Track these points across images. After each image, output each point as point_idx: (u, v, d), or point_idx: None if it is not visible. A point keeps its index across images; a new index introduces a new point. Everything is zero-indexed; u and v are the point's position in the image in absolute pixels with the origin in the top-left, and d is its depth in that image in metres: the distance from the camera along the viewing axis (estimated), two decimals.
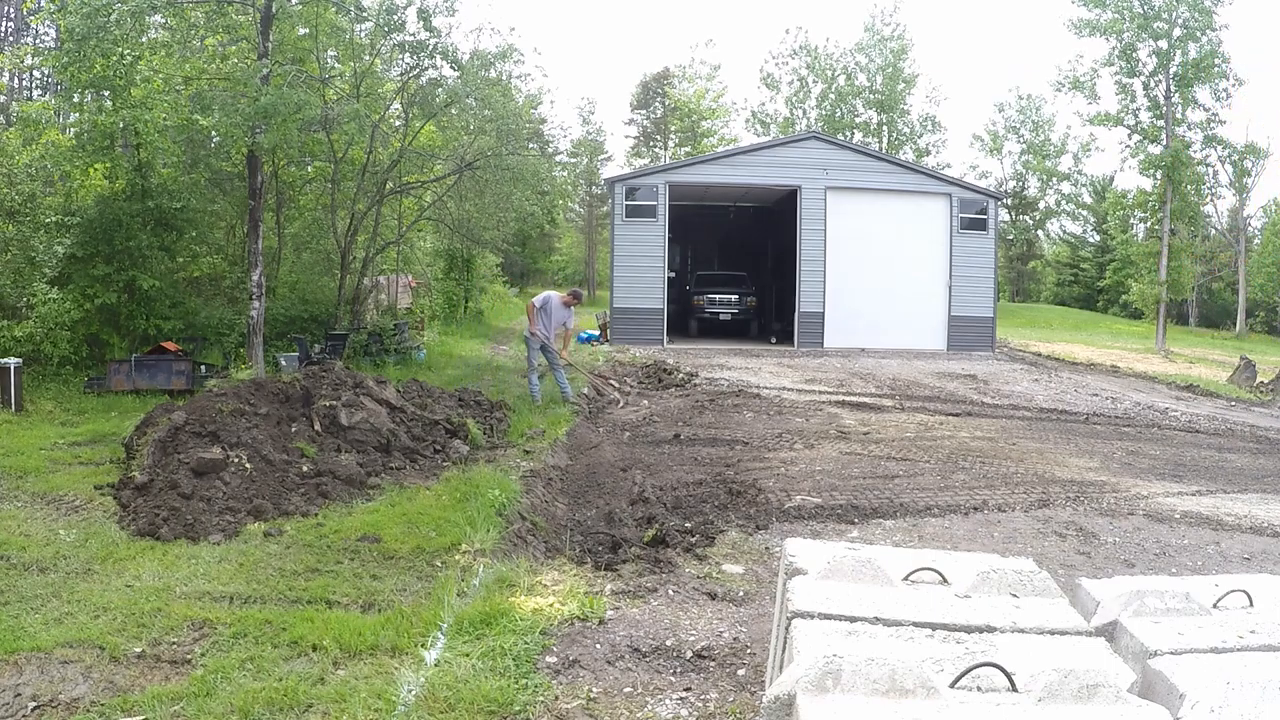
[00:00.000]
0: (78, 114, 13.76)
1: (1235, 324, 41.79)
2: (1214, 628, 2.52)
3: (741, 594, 5.09)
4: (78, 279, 12.16)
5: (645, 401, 12.42)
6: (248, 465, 6.63)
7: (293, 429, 7.63)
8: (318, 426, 7.83)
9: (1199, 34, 25.53)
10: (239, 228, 16.15)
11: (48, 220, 12.63)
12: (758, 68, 72.52)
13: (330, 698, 3.63)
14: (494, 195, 16.83)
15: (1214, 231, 44.91)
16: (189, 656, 4.00)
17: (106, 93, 12.31)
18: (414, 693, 3.66)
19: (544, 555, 5.93)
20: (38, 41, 23.98)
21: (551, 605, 4.66)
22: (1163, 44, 25.84)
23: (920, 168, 28.07)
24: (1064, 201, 54.44)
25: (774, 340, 23.52)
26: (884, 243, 22.04)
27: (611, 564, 5.53)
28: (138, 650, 4.04)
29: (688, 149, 48.88)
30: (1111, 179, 50.19)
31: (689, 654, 4.20)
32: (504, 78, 16.34)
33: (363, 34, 14.59)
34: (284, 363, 12.73)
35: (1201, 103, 26.80)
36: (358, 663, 3.97)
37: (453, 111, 15.90)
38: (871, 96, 45.90)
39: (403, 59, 15.54)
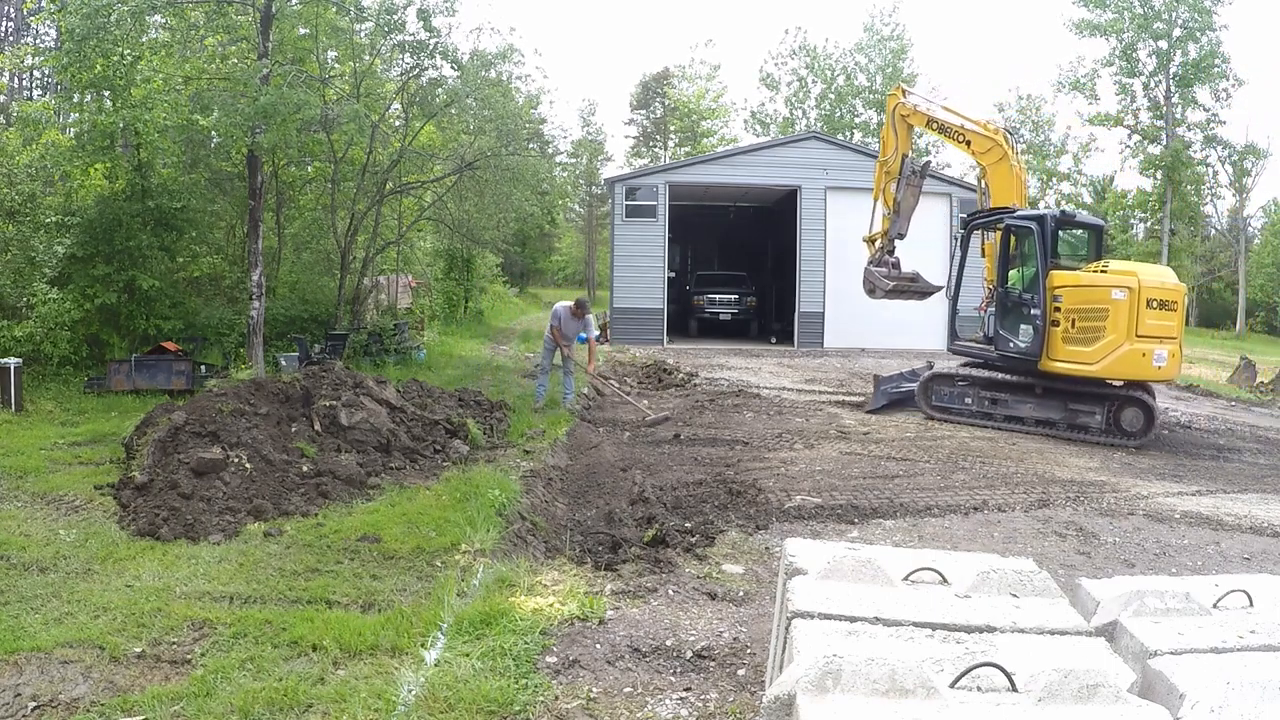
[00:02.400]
0: (78, 114, 13.76)
1: (1235, 324, 41.80)
2: (1214, 628, 2.52)
3: (741, 594, 5.09)
4: (78, 279, 12.16)
5: (645, 401, 12.42)
6: (248, 465, 6.63)
7: (293, 429, 7.63)
8: (318, 426, 7.83)
9: (1199, 34, 25.61)
10: (239, 228, 16.15)
11: (48, 220, 12.63)
12: (757, 68, 72.47)
13: (330, 698, 3.63)
14: (494, 195, 16.83)
15: (1214, 231, 44.90)
16: (189, 656, 3.99)
17: (106, 93, 12.31)
18: (414, 693, 3.66)
19: (544, 555, 5.93)
20: (38, 41, 24.00)
21: (551, 605, 4.66)
22: (1163, 44, 25.91)
23: None
24: (1064, 201, 54.38)
25: (774, 340, 23.51)
26: None
27: (611, 564, 5.53)
28: (138, 650, 4.04)
29: (688, 149, 48.87)
30: (1111, 179, 50.11)
31: (689, 654, 4.20)
32: (504, 78, 16.33)
33: (363, 34, 14.58)
34: (284, 363, 12.72)
35: (1201, 103, 26.89)
36: (358, 663, 3.97)
37: (453, 111, 15.90)
38: (871, 96, 45.86)
39: (403, 59, 15.55)
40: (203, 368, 12.03)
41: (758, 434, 10.21)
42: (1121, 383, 10.73)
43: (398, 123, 16.47)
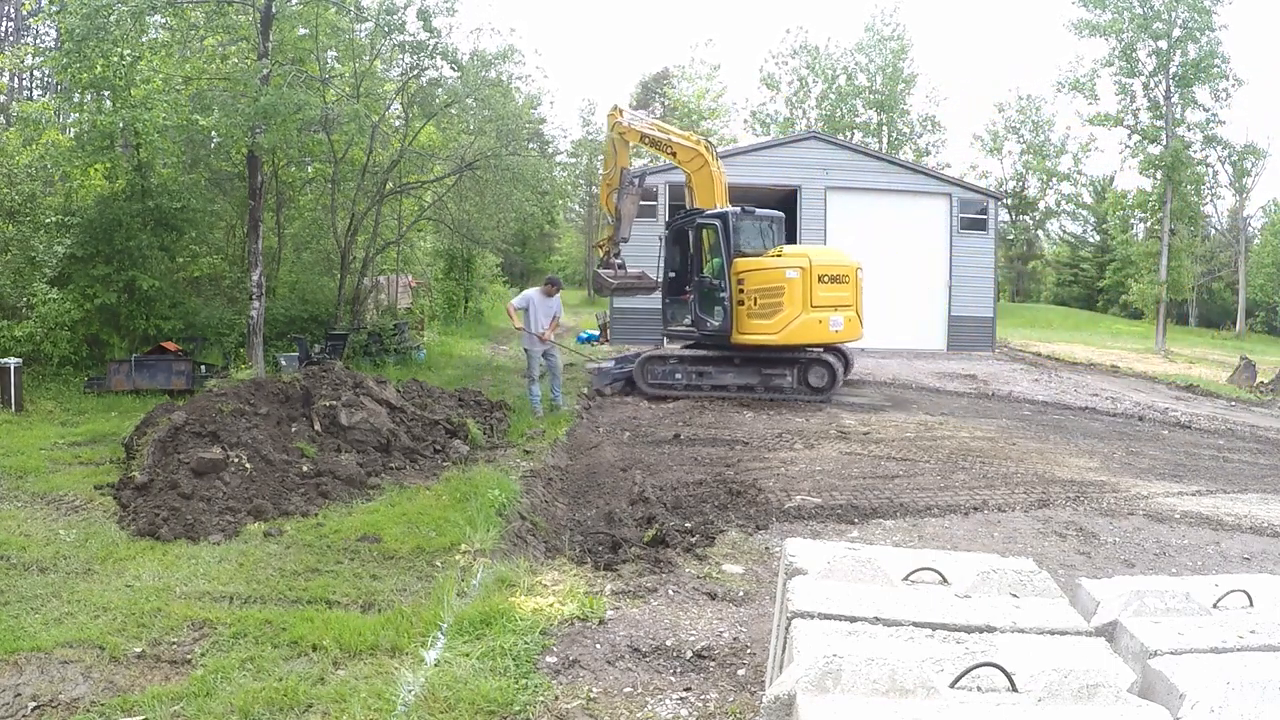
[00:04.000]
0: (78, 114, 13.76)
1: (1235, 324, 41.82)
2: (1214, 628, 2.52)
3: (741, 594, 5.09)
4: (78, 279, 12.16)
5: (645, 401, 12.43)
6: (248, 465, 6.63)
7: (293, 429, 7.63)
8: (318, 426, 7.83)
9: (1198, 34, 25.57)
10: (239, 228, 16.16)
11: (48, 220, 12.64)
12: (758, 68, 72.59)
13: (330, 698, 3.63)
14: (494, 195, 16.84)
15: (1214, 231, 44.93)
16: (189, 656, 3.99)
17: (106, 93, 12.31)
18: (414, 693, 3.66)
19: (544, 555, 5.93)
20: (38, 41, 23.98)
21: (551, 605, 4.66)
22: (1162, 44, 25.87)
23: (920, 168, 28.07)
24: (1064, 201, 54.41)
25: None
26: (884, 243, 22.03)
27: (611, 564, 5.53)
28: (138, 650, 4.04)
29: None
30: (1111, 179, 50.18)
31: (689, 654, 4.20)
32: (504, 78, 16.34)
33: (363, 34, 14.59)
34: (284, 363, 12.73)
35: (1201, 103, 26.84)
36: (358, 663, 3.97)
37: (453, 112, 15.91)
38: (871, 96, 45.91)
39: (403, 59, 15.56)
40: (203, 368, 12.03)
41: (758, 434, 10.21)
42: (822, 348, 12.68)
43: (398, 123, 16.49)
